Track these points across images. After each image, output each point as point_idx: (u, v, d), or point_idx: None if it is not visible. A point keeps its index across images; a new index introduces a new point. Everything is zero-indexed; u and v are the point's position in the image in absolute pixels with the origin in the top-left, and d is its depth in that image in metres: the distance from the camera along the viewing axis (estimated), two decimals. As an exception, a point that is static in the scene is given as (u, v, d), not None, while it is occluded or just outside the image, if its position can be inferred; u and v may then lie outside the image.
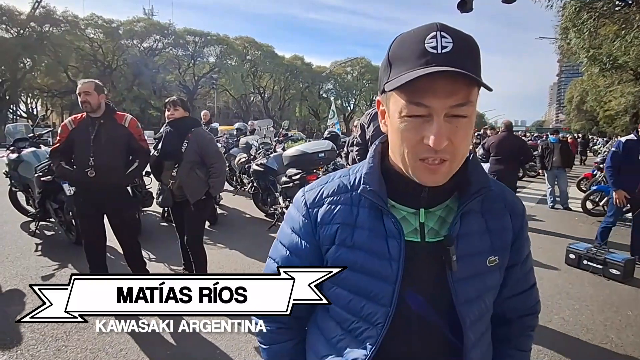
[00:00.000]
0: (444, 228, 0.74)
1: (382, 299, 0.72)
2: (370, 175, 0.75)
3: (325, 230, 0.77)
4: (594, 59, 13.75)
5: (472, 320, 0.74)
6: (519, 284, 0.86)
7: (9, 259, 4.13)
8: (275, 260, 0.86)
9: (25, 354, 2.47)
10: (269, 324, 0.88)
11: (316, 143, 5.64)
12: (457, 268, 0.72)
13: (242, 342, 2.70)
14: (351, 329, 0.77)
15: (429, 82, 0.61)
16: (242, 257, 4.44)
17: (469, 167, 0.76)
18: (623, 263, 3.97)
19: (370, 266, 0.73)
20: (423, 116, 0.63)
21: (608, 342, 2.85)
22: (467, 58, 0.63)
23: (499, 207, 0.80)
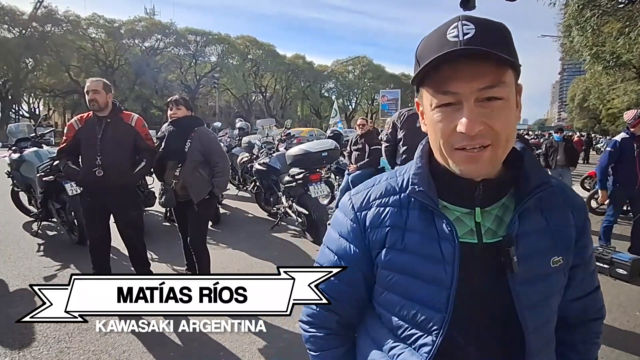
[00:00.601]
0: (501, 228, 0.70)
1: (437, 304, 0.69)
2: (419, 176, 0.73)
3: (374, 234, 0.75)
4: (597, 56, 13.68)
5: (535, 326, 0.69)
6: (584, 286, 0.80)
7: (11, 259, 4.12)
8: (324, 266, 0.83)
9: (27, 356, 2.45)
10: (317, 330, 0.84)
11: (319, 142, 5.60)
12: (518, 270, 0.67)
13: (246, 344, 2.67)
14: (404, 336, 0.73)
15: (452, 69, 0.60)
16: (245, 257, 4.42)
17: (526, 162, 0.72)
18: (630, 262, 3.93)
19: (423, 270, 0.70)
20: (453, 104, 0.62)
21: (617, 343, 2.82)
22: (492, 41, 0.60)
23: (559, 203, 0.75)
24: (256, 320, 2.96)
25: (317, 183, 4.88)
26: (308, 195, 4.85)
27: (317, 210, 4.78)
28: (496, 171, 0.70)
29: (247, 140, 7.72)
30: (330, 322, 0.83)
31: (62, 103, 38.91)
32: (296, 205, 5.04)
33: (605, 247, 4.27)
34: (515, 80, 0.65)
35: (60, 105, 39.88)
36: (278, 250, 4.64)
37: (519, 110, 0.67)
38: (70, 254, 4.30)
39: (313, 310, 0.84)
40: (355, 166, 5.78)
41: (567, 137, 8.01)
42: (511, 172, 0.71)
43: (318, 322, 0.84)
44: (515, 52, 0.64)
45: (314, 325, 0.85)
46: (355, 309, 0.83)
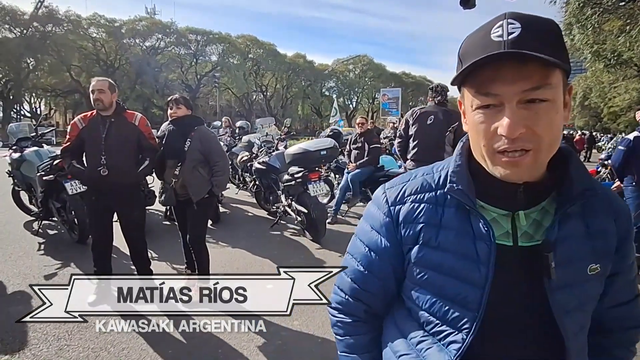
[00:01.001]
0: (539, 232, 0.68)
1: (470, 303, 0.68)
2: (458, 174, 0.71)
3: (407, 230, 0.74)
4: (598, 54, 13.64)
5: (573, 332, 0.68)
6: (621, 294, 0.79)
7: (12, 258, 4.14)
8: (354, 256, 0.83)
9: (27, 353, 2.47)
10: (345, 316, 0.85)
11: (318, 141, 5.61)
12: (555, 276, 0.66)
13: (245, 341, 2.69)
14: (434, 332, 0.73)
15: (494, 70, 0.59)
16: (244, 256, 4.43)
17: (571, 166, 0.69)
18: (629, 261, 3.93)
19: (457, 269, 0.69)
20: (495, 106, 0.61)
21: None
22: (539, 40, 0.58)
23: (602, 209, 0.72)
24: (256, 321, 2.98)
25: (317, 182, 4.89)
26: (307, 194, 4.86)
27: (316, 209, 4.79)
28: (540, 174, 0.68)
29: (246, 139, 7.73)
30: (358, 311, 0.84)
31: (63, 103, 38.97)
32: (295, 203, 5.05)
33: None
34: (564, 80, 0.63)
35: (61, 105, 39.95)
36: (277, 249, 4.65)
37: (567, 110, 0.65)
38: (70, 252, 4.31)
39: (342, 298, 0.85)
40: (355, 165, 5.79)
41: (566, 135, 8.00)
42: (556, 175, 0.69)
43: (346, 309, 0.85)
44: (564, 51, 0.62)
45: (342, 311, 0.86)
46: (383, 301, 0.83)
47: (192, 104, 3.45)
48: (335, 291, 0.88)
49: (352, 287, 0.83)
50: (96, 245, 3.22)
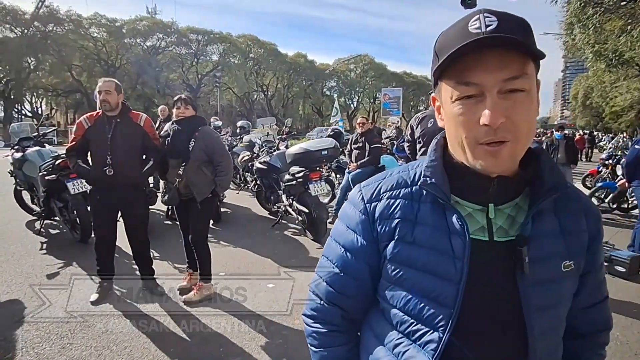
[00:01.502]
0: (513, 227, 0.68)
1: (445, 299, 0.67)
2: (432, 169, 0.71)
3: (383, 226, 0.73)
4: (600, 54, 13.61)
5: (541, 331, 0.67)
6: (593, 295, 0.79)
7: (14, 257, 4.16)
8: (329, 258, 0.81)
9: (31, 352, 2.49)
10: (321, 326, 0.82)
11: (319, 141, 5.62)
12: (529, 271, 0.66)
13: (246, 340, 2.71)
14: (409, 332, 0.71)
15: (475, 59, 0.59)
16: (245, 255, 4.45)
17: (542, 163, 0.70)
18: (628, 260, 3.94)
19: (432, 264, 0.68)
20: (475, 96, 0.61)
21: (613, 340, 2.83)
22: (516, 32, 0.59)
23: (574, 208, 0.73)
24: (257, 320, 3.00)
25: (317, 181, 4.90)
26: (308, 194, 4.88)
27: (317, 209, 4.81)
28: (514, 168, 0.68)
29: (248, 139, 7.75)
30: (334, 316, 0.81)
31: (64, 102, 39.04)
32: (296, 203, 5.07)
33: (604, 245, 4.27)
34: (536, 73, 0.64)
35: (62, 105, 40.03)
36: (278, 248, 4.67)
37: (538, 104, 0.66)
38: (72, 252, 4.34)
39: (317, 304, 0.82)
40: (356, 165, 5.80)
41: (567, 135, 7.97)
42: (528, 171, 0.70)
43: (321, 316, 0.82)
44: (536, 45, 0.63)
45: (317, 319, 0.82)
46: (360, 303, 0.81)
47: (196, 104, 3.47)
48: (310, 297, 0.84)
49: (327, 291, 0.80)
50: (99, 244, 3.24)
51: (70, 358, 2.44)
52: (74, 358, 2.44)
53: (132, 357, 2.47)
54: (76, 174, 3.75)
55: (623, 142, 17.16)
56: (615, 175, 8.13)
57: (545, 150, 5.98)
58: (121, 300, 3.23)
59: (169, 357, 2.49)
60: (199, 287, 3.27)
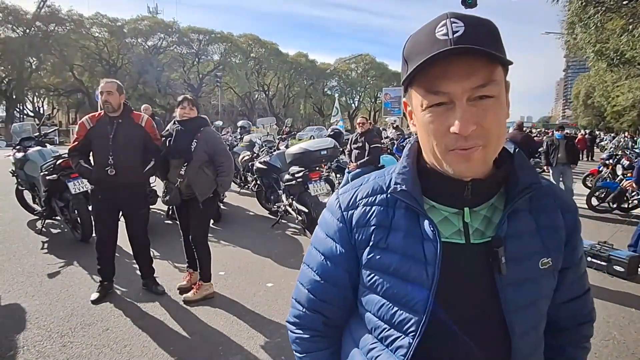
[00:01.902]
0: (490, 229, 0.69)
1: (415, 305, 0.67)
2: (403, 175, 0.71)
3: (360, 234, 0.74)
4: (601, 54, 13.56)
5: (523, 331, 0.67)
6: (574, 289, 0.79)
7: (16, 256, 4.19)
8: (310, 266, 0.82)
9: (32, 350, 2.51)
10: (304, 332, 0.83)
11: (319, 141, 5.64)
12: (506, 271, 0.66)
13: (245, 338, 2.73)
14: (382, 337, 0.72)
15: (443, 68, 0.59)
16: (245, 254, 4.47)
17: (515, 162, 0.71)
18: (627, 260, 3.95)
19: (404, 270, 0.68)
20: (445, 104, 0.61)
21: (611, 339, 2.85)
22: (482, 38, 0.59)
23: (550, 204, 0.74)
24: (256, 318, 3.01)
25: (317, 181, 4.92)
26: (308, 193, 4.90)
27: (316, 208, 4.82)
28: (488, 170, 0.69)
29: (248, 139, 7.77)
30: (316, 323, 0.82)
31: (65, 102, 39.10)
32: (296, 203, 5.09)
33: (603, 245, 4.28)
34: (504, 76, 0.64)
35: (64, 105, 40.09)
36: (278, 248, 4.69)
37: (508, 107, 0.67)
38: (73, 251, 4.37)
39: (299, 311, 0.83)
40: (356, 164, 5.82)
41: (568, 135, 7.95)
42: (501, 171, 0.70)
43: (304, 323, 0.83)
44: (503, 49, 0.63)
45: (300, 326, 0.84)
46: (341, 310, 0.81)
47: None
48: (293, 304, 0.85)
49: (309, 299, 0.81)
50: (100, 243, 3.27)
51: (71, 356, 2.46)
52: (75, 356, 2.47)
53: (131, 356, 2.49)
54: (78, 174, 3.78)
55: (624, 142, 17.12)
56: (616, 175, 8.13)
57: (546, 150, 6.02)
58: (121, 299, 3.26)
59: (168, 355, 2.51)
60: (199, 286, 3.30)
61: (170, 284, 3.52)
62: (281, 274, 3.88)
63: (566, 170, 7.58)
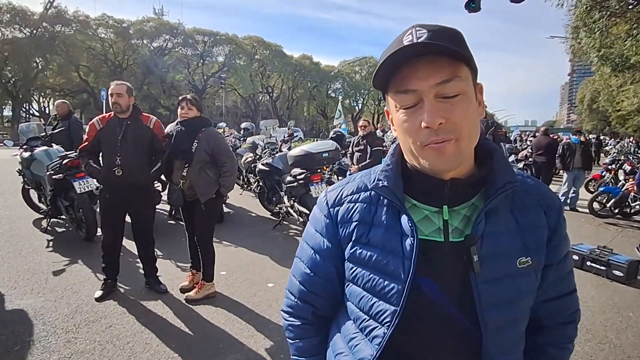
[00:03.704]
0: (468, 227, 0.71)
1: (392, 297, 0.70)
2: (386, 172, 0.75)
3: (344, 229, 0.78)
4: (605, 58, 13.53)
5: (497, 327, 0.69)
6: (556, 287, 0.80)
7: (22, 254, 4.26)
8: (302, 259, 0.88)
9: (37, 345, 2.57)
10: (295, 319, 0.89)
11: (320, 143, 5.69)
12: (479, 269, 0.68)
13: (245, 337, 2.77)
14: (362, 327, 0.77)
15: (410, 69, 0.64)
16: (247, 255, 4.52)
17: (494, 161, 0.73)
18: (626, 265, 3.96)
19: (383, 264, 0.72)
20: (416, 104, 0.65)
21: (607, 343, 2.87)
22: (446, 40, 0.63)
23: (532, 203, 0.75)
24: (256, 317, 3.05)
25: (319, 183, 4.97)
26: (309, 195, 4.94)
27: (317, 209, 4.86)
28: (465, 168, 0.71)
29: (251, 140, 7.84)
30: (306, 312, 0.88)
31: (71, 102, 39.18)
32: (298, 204, 5.14)
33: (603, 249, 4.29)
34: (474, 78, 0.68)
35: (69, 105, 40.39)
36: (279, 249, 4.73)
37: (481, 107, 0.70)
38: (78, 250, 4.43)
39: (292, 301, 0.89)
40: (357, 167, 5.86)
41: (584, 140, 7.87)
42: (482, 171, 0.72)
43: (295, 312, 0.89)
44: (469, 52, 0.67)
45: (292, 314, 0.90)
46: (329, 301, 0.86)
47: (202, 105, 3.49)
48: (286, 294, 0.91)
49: (300, 290, 0.87)
50: (106, 242, 3.33)
51: (75, 351, 2.52)
52: (78, 351, 2.52)
53: (134, 352, 2.54)
54: (87, 174, 3.85)
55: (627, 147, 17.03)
56: (618, 180, 8.12)
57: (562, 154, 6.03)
58: (124, 297, 3.31)
59: (170, 352, 2.56)
60: (201, 285, 3.34)
61: (172, 283, 3.57)
62: (282, 275, 3.93)
63: (580, 174, 7.55)
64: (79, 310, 3.05)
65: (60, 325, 2.83)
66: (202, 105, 3.48)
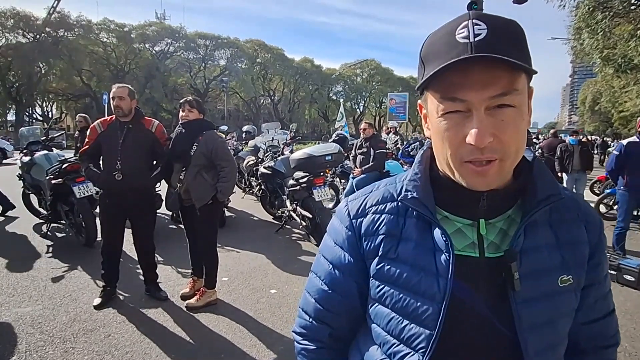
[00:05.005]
0: (505, 242, 0.65)
1: (426, 320, 0.63)
2: (414, 182, 0.68)
3: (369, 243, 0.71)
4: (608, 59, 13.46)
5: (538, 350, 0.63)
6: (597, 309, 0.73)
7: (21, 259, 4.20)
8: (318, 275, 0.79)
9: (34, 355, 2.50)
10: (309, 343, 0.80)
11: (323, 146, 5.62)
12: (520, 287, 0.62)
13: (247, 347, 2.69)
14: (391, 353, 0.68)
15: (461, 74, 0.55)
16: (249, 260, 4.45)
17: (535, 172, 0.67)
18: (638, 269, 3.87)
19: (415, 282, 0.65)
20: (462, 112, 0.57)
21: (622, 351, 2.78)
22: (506, 43, 0.55)
23: (572, 218, 0.69)
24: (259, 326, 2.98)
25: (321, 187, 4.89)
26: (312, 199, 4.87)
27: (321, 214, 4.79)
28: (504, 181, 0.64)
29: (253, 143, 7.78)
30: (322, 334, 0.79)
31: (74, 106, 39.50)
32: (300, 208, 5.06)
33: (613, 253, 4.20)
34: (528, 83, 0.60)
35: (72, 109, 40.48)
36: (282, 253, 4.66)
37: (530, 114, 0.62)
38: (77, 255, 4.37)
39: (306, 321, 0.80)
40: (360, 170, 5.79)
41: (582, 140, 7.77)
42: (519, 181, 0.66)
43: (310, 334, 0.80)
44: (528, 53, 0.59)
45: (306, 337, 0.80)
46: (348, 322, 0.78)
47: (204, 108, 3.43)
48: (300, 314, 0.82)
49: (316, 309, 0.78)
50: (106, 248, 3.27)
51: (72, 362, 2.44)
52: (76, 362, 2.45)
53: (133, 362, 2.47)
54: (87, 178, 3.82)
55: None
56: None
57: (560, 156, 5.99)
58: (124, 305, 3.24)
59: (170, 362, 2.49)
60: (202, 292, 3.27)
61: (173, 290, 3.50)
62: (285, 280, 3.85)
63: (581, 176, 7.44)
64: (77, 319, 2.98)
65: (57, 334, 2.76)
66: (204, 108, 3.42)
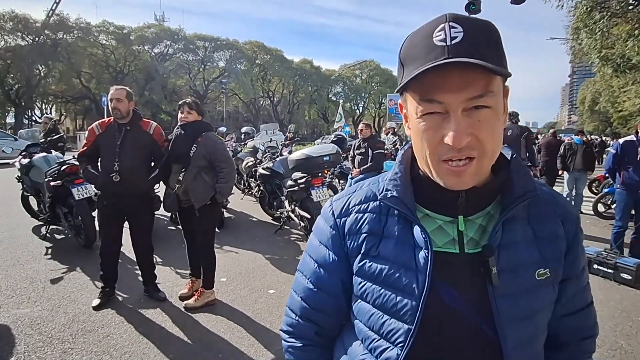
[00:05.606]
0: (484, 238, 0.66)
1: (405, 315, 0.65)
2: (394, 181, 0.70)
3: (352, 241, 0.73)
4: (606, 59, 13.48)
5: (516, 343, 0.64)
6: (575, 301, 0.76)
7: (20, 261, 4.21)
8: (304, 274, 0.81)
9: (33, 356, 2.51)
10: (296, 340, 0.82)
11: (321, 147, 5.63)
12: (498, 282, 0.63)
13: (245, 347, 2.71)
14: (371, 348, 0.70)
15: (439, 77, 0.57)
16: (247, 261, 4.46)
17: (512, 169, 0.69)
18: (635, 267, 3.88)
19: (394, 278, 0.67)
20: (440, 113, 0.59)
21: (618, 349, 2.79)
22: (482, 45, 0.57)
23: (549, 213, 0.71)
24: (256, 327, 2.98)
25: (320, 187, 4.91)
26: (310, 199, 4.89)
27: (319, 215, 4.80)
28: (483, 179, 0.66)
29: (252, 144, 7.80)
30: (308, 332, 0.81)
31: (73, 109, 39.52)
32: (299, 209, 5.08)
33: (610, 252, 4.21)
34: (503, 83, 0.62)
35: (71, 111, 40.53)
36: (280, 254, 4.67)
37: (505, 114, 0.64)
38: (76, 257, 4.38)
39: (292, 319, 0.82)
40: (359, 170, 5.80)
41: (586, 140, 7.78)
42: (498, 179, 0.68)
43: (297, 331, 0.82)
44: (504, 54, 0.61)
45: (292, 335, 0.83)
46: (334, 319, 0.80)
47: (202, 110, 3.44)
48: (287, 312, 0.84)
49: (302, 307, 0.80)
50: (104, 249, 3.27)
51: (71, 363, 2.45)
52: (75, 363, 2.46)
53: (131, 363, 2.48)
54: (85, 180, 3.82)
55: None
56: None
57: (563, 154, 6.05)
58: (122, 306, 3.25)
59: (168, 362, 2.50)
60: (200, 293, 3.28)
61: (171, 291, 3.51)
62: (283, 281, 3.86)
63: (581, 176, 7.46)
64: (75, 320, 2.99)
65: (56, 335, 2.77)
66: (203, 109, 3.43)
